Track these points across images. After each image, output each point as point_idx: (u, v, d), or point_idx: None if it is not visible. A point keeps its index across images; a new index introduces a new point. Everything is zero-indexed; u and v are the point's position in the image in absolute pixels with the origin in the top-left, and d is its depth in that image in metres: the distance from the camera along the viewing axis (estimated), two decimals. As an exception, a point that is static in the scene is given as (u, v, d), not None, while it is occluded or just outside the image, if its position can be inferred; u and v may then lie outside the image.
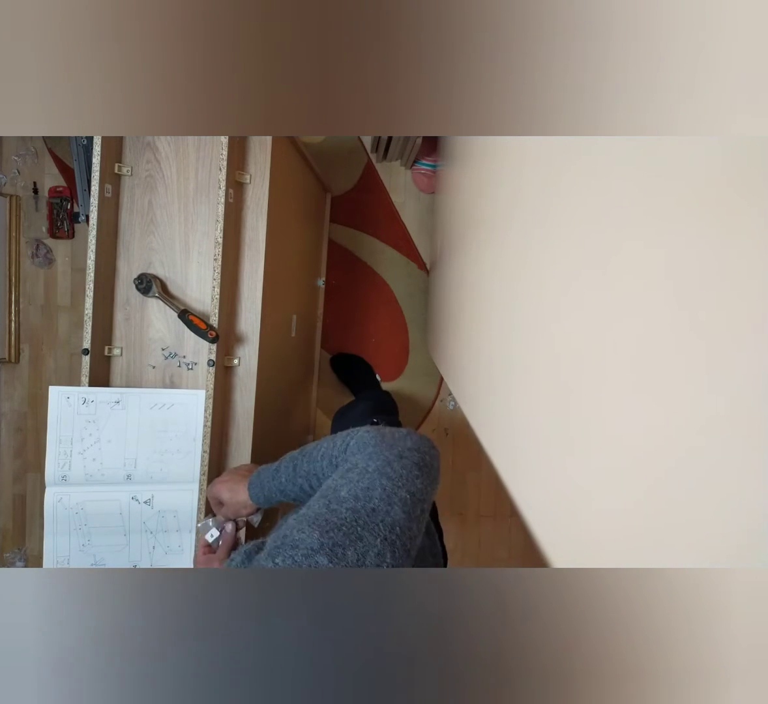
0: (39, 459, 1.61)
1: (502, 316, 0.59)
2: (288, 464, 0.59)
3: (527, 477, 0.48)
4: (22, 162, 1.56)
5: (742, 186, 0.20)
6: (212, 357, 0.85)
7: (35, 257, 1.58)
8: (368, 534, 0.39)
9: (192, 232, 0.89)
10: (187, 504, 0.85)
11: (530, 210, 0.49)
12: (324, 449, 0.55)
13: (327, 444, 0.55)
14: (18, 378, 1.62)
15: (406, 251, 1.64)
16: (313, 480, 0.55)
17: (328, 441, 0.56)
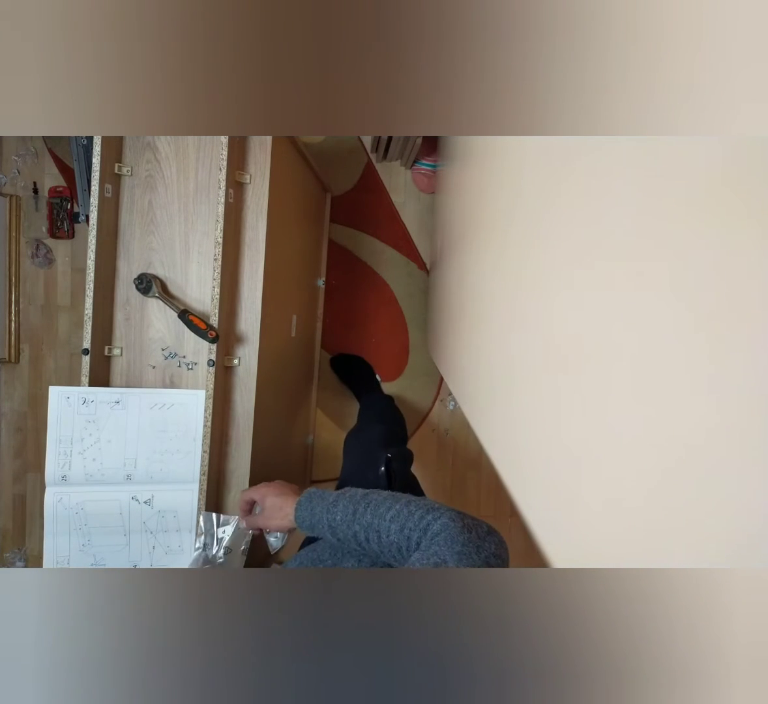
0: (39, 459, 1.61)
1: (503, 316, 0.59)
2: (347, 505, 0.57)
3: (527, 477, 0.48)
4: (22, 162, 1.56)
5: (741, 186, 0.20)
6: (212, 357, 0.85)
7: (35, 257, 1.58)
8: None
9: (192, 232, 0.89)
10: (187, 504, 0.85)
11: (531, 210, 0.49)
12: (395, 512, 0.53)
13: (400, 507, 0.53)
14: (18, 378, 1.62)
15: (406, 251, 1.64)
16: (372, 535, 0.53)
17: (400, 503, 0.54)
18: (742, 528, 0.20)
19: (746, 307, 0.20)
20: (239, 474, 0.91)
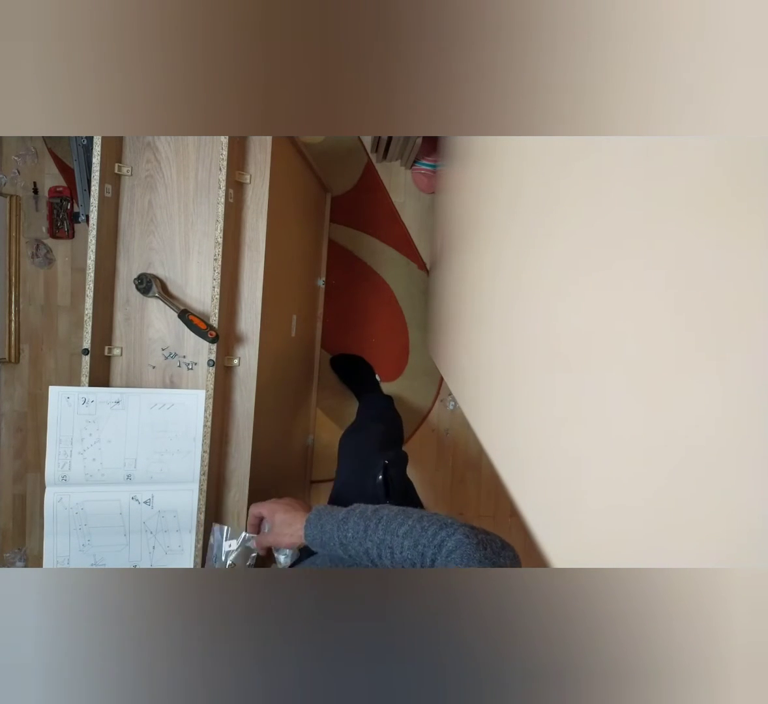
0: (39, 459, 1.61)
1: (503, 316, 0.59)
2: (358, 521, 0.56)
3: (527, 477, 0.48)
4: (22, 162, 1.56)
5: (741, 186, 0.20)
6: (212, 357, 0.85)
7: (35, 257, 1.58)
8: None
9: (192, 232, 0.89)
10: (187, 504, 0.85)
11: (531, 210, 0.49)
12: (408, 528, 0.52)
13: (412, 523, 0.53)
14: (18, 378, 1.62)
15: (406, 251, 1.64)
16: (385, 551, 0.53)
17: (412, 519, 0.53)
18: (742, 528, 0.20)
19: (747, 308, 0.20)
20: (239, 474, 0.91)
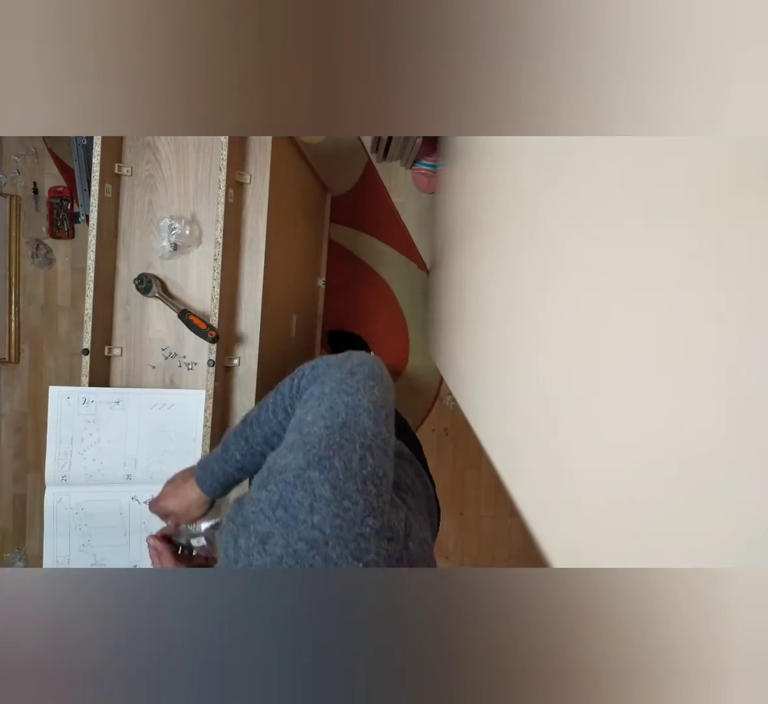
0: (39, 459, 1.61)
1: (503, 316, 0.59)
2: (237, 439, 0.56)
3: (527, 477, 0.48)
4: (22, 162, 1.56)
5: (741, 186, 0.20)
6: (212, 357, 0.85)
7: (35, 257, 1.58)
8: (346, 442, 0.41)
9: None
10: (187, 504, 0.85)
11: (531, 210, 0.49)
12: (271, 406, 0.53)
13: (272, 400, 0.54)
14: (18, 378, 1.62)
15: (406, 251, 1.64)
16: (274, 440, 0.52)
17: (272, 397, 0.54)
18: (742, 528, 0.20)
19: (747, 309, 0.20)
20: (239, 474, 0.91)
